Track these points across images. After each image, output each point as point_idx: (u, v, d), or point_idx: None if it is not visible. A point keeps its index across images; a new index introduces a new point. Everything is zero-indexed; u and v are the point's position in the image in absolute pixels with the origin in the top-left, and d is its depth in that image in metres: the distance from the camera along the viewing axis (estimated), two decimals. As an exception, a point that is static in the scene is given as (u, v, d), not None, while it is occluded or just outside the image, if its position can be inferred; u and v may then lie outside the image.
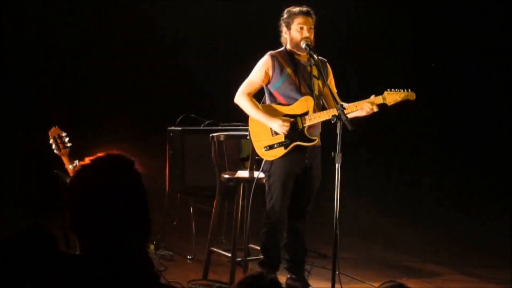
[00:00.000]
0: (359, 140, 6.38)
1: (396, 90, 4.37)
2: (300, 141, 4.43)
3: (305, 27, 4.41)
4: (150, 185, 2.05)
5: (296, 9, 4.47)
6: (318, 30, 4.55)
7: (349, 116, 4.22)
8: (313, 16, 4.49)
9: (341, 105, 4.18)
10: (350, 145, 4.38)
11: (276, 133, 4.45)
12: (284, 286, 4.49)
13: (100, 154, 1.98)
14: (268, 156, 4.48)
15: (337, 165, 4.04)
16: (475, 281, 5.09)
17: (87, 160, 1.97)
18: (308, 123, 4.42)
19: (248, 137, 4.56)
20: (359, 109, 4.38)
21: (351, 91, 5.09)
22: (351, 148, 4.68)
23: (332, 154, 4.05)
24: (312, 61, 4.44)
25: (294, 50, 4.51)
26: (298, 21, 4.43)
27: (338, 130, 4.05)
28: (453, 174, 7.39)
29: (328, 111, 4.41)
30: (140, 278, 1.90)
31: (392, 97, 4.36)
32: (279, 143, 4.44)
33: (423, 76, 7.38)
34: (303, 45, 4.39)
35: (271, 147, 4.46)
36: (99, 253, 1.90)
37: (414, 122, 7.26)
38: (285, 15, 4.51)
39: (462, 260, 5.69)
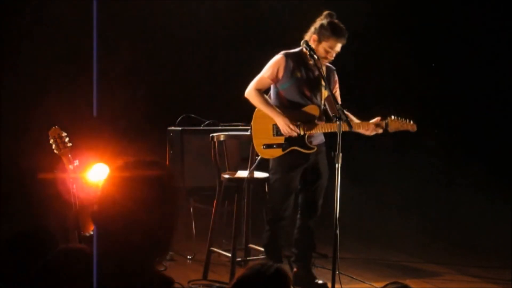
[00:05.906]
0: (358, 141, 6.37)
1: (400, 118, 4.48)
2: (299, 147, 4.50)
3: (332, 52, 4.42)
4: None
5: (336, 29, 4.40)
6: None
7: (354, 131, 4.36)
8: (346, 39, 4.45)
9: (341, 106, 4.21)
10: (349, 147, 4.38)
11: (278, 134, 4.49)
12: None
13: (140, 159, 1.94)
14: (265, 154, 4.53)
15: (337, 165, 4.06)
16: (475, 281, 5.09)
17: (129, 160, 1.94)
18: (310, 132, 4.46)
19: (249, 132, 4.58)
20: (363, 129, 4.46)
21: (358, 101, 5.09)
22: (350, 149, 4.68)
23: (332, 154, 4.08)
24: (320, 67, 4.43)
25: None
26: (331, 44, 4.40)
27: (338, 130, 4.07)
28: (453, 174, 7.38)
29: (331, 124, 4.44)
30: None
31: (394, 125, 4.47)
32: (278, 144, 4.50)
33: (428, 72, 7.38)
34: (303, 45, 4.41)
35: (269, 146, 4.50)
36: (114, 249, 1.88)
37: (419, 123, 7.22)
38: (324, 25, 4.43)
39: (462, 260, 5.69)
